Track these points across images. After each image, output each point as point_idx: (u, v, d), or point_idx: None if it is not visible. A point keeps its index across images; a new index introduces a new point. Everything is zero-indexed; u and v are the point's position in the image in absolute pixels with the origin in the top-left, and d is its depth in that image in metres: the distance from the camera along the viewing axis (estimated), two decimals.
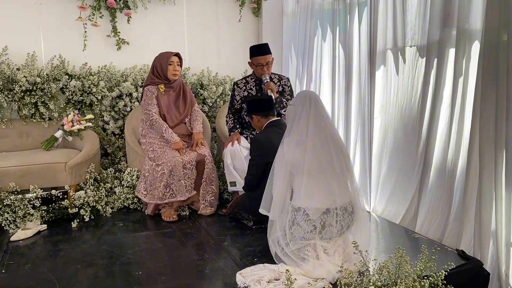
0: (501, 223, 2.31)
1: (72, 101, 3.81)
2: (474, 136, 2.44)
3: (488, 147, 2.34)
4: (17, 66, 3.62)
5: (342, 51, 3.60)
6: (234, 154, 3.29)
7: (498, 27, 2.26)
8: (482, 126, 2.36)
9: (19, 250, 2.69)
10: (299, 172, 2.30)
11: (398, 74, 3.07)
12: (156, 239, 2.90)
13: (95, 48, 3.99)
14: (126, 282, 2.25)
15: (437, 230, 2.75)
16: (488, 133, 2.34)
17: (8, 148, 3.62)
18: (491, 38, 2.29)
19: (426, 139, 2.83)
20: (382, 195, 3.29)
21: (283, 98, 3.46)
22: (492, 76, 2.30)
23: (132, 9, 4.04)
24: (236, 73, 4.46)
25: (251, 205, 2.84)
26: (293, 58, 4.39)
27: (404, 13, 2.98)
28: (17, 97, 3.57)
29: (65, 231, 3.00)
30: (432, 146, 2.80)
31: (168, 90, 3.41)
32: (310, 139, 2.29)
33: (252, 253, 2.58)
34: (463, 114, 2.59)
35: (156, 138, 3.30)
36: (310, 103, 2.34)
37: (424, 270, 1.97)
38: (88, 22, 3.86)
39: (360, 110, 3.45)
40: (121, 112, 4.00)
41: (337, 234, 2.31)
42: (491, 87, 2.31)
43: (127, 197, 3.43)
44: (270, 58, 3.43)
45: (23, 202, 3.04)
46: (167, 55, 3.35)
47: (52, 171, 3.24)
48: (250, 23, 4.63)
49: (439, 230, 2.74)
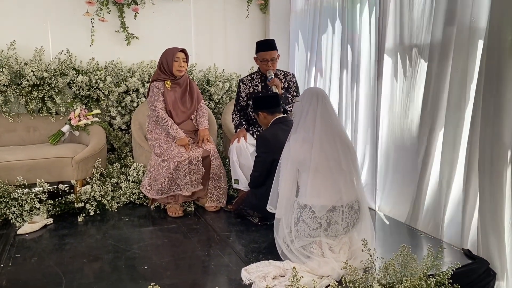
0: (507, 222, 2.29)
1: (79, 96, 3.82)
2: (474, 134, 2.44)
3: (488, 145, 2.33)
4: (25, 61, 3.63)
5: (350, 49, 3.58)
6: (240, 150, 3.29)
7: (503, 26, 2.24)
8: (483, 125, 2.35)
9: (26, 244, 2.70)
10: (306, 169, 2.29)
11: (404, 73, 3.06)
12: (161, 234, 2.90)
13: (103, 43, 4.00)
14: (131, 276, 2.26)
15: (444, 229, 2.74)
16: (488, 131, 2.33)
17: (15, 142, 3.64)
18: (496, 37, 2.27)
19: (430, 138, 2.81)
20: (389, 193, 3.28)
21: (288, 94, 3.45)
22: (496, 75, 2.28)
23: (140, 5, 4.05)
24: (242, 70, 4.45)
25: (257, 202, 2.85)
26: (301, 55, 4.38)
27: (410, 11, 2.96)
28: (24, 92, 3.59)
29: (71, 225, 3.01)
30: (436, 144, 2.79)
31: (174, 86, 3.41)
32: (317, 136, 2.28)
33: (257, 249, 2.58)
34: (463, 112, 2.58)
35: (162, 134, 3.31)
36: (317, 100, 2.33)
37: (430, 268, 1.96)
38: (96, 17, 3.87)
39: (367, 108, 3.44)
40: (127, 107, 4.01)
41: (342, 232, 2.30)
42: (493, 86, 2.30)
43: (133, 192, 3.45)
44: (276, 54, 3.42)
45: (30, 196, 3.06)
46: (173, 51, 3.35)
47: (59, 165, 3.26)
48: (257, 20, 4.63)
49: (445, 229, 2.73)
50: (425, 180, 2.87)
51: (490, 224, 2.36)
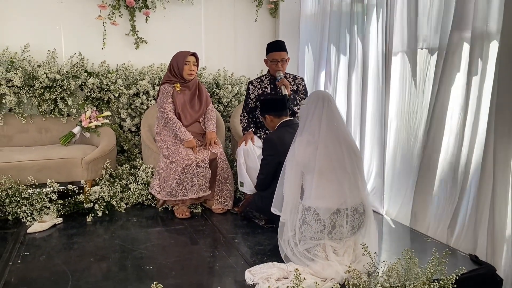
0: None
1: (90, 98, 3.88)
2: (489, 138, 2.40)
3: (503, 149, 2.30)
4: (38, 63, 3.71)
5: (359, 53, 3.58)
6: (247, 153, 3.31)
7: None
8: (497, 128, 2.32)
9: (35, 242, 2.75)
10: (310, 172, 2.29)
11: (412, 76, 3.04)
12: (168, 235, 2.93)
13: (114, 47, 4.06)
14: (137, 276, 2.28)
15: (450, 234, 2.71)
16: (504, 135, 2.30)
17: (28, 143, 3.71)
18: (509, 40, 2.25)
19: (439, 143, 2.79)
20: (396, 198, 3.26)
21: (296, 96, 3.46)
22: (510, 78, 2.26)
23: (151, 9, 4.10)
24: (252, 73, 4.47)
25: (263, 204, 2.86)
26: (310, 59, 4.39)
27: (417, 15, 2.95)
28: (37, 93, 3.66)
29: (80, 225, 3.06)
30: (445, 149, 2.77)
31: (184, 89, 3.44)
32: (322, 139, 2.28)
33: (262, 251, 2.59)
34: (477, 117, 2.56)
35: (171, 136, 3.34)
36: (323, 103, 2.33)
37: (434, 273, 1.94)
38: (108, 20, 3.93)
39: (375, 112, 3.43)
40: (137, 109, 4.06)
41: (347, 235, 2.29)
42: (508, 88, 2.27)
43: (141, 193, 3.48)
44: (286, 55, 3.44)
45: (40, 196, 3.12)
46: (184, 55, 3.39)
47: (69, 166, 3.31)
48: (267, 24, 4.65)
49: (452, 234, 2.70)
50: (432, 184, 2.85)
51: (499, 230, 2.33)
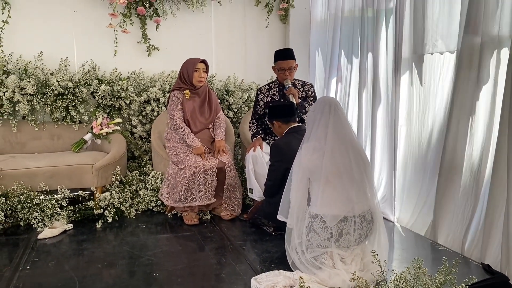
0: None
1: (102, 105, 3.92)
2: (502, 145, 2.35)
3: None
4: (50, 71, 3.76)
5: (370, 59, 3.55)
6: (256, 159, 3.29)
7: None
8: (510, 134, 2.27)
9: (45, 248, 2.78)
10: (317, 178, 2.27)
11: (421, 82, 3.00)
12: (176, 241, 2.93)
13: (125, 54, 4.10)
14: (144, 282, 2.28)
15: (463, 243, 2.66)
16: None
17: (40, 150, 3.76)
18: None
19: (451, 149, 2.75)
20: (407, 205, 3.21)
21: (306, 104, 3.45)
22: None
23: (162, 17, 4.14)
24: (262, 80, 4.47)
25: (270, 211, 2.83)
26: (320, 64, 4.37)
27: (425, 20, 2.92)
28: (49, 101, 3.71)
29: (90, 231, 3.08)
30: (458, 156, 2.72)
31: (193, 96, 3.45)
32: (328, 145, 2.26)
33: (269, 259, 2.57)
34: (491, 123, 2.50)
35: (180, 143, 3.35)
36: (330, 110, 2.31)
37: (444, 283, 1.90)
38: (119, 29, 3.98)
39: (386, 118, 3.39)
40: (148, 116, 4.09)
41: (355, 243, 2.26)
42: None
43: (151, 199, 3.50)
44: (293, 63, 3.42)
45: (51, 202, 3.15)
46: (194, 62, 3.40)
47: (79, 172, 3.35)
48: (277, 30, 4.65)
49: (464, 242, 2.65)
50: (444, 192, 2.80)
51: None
